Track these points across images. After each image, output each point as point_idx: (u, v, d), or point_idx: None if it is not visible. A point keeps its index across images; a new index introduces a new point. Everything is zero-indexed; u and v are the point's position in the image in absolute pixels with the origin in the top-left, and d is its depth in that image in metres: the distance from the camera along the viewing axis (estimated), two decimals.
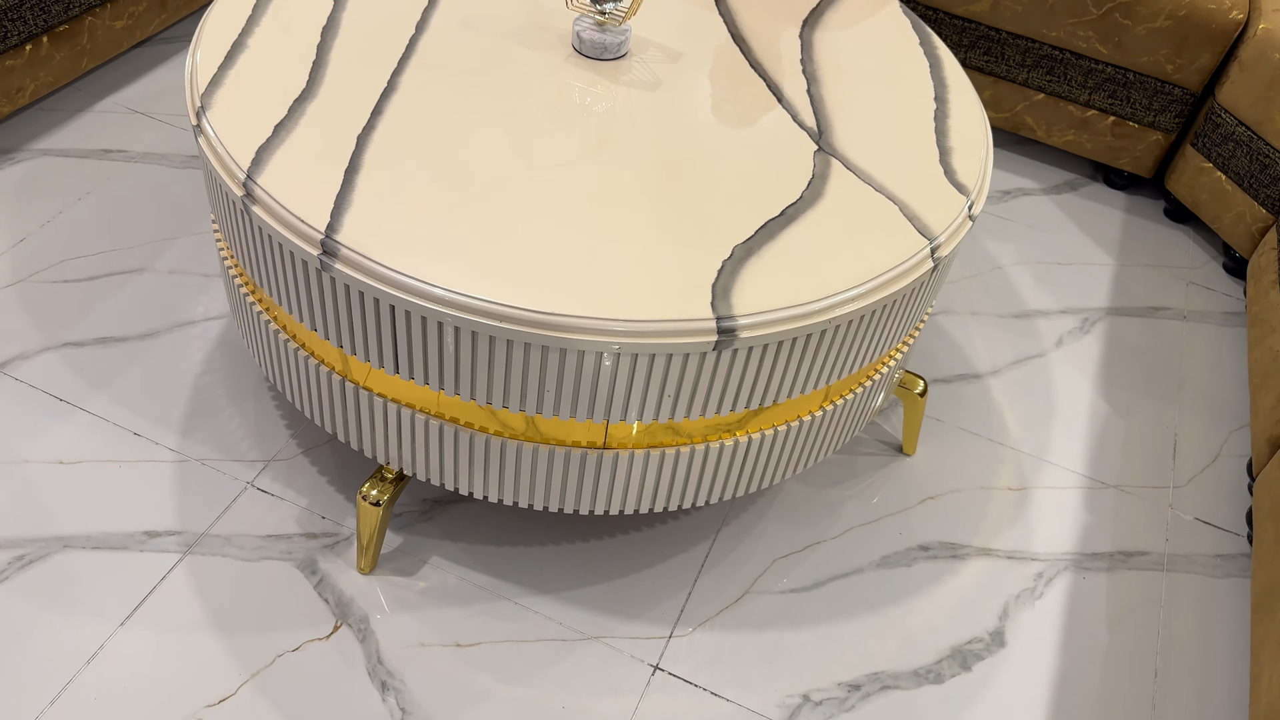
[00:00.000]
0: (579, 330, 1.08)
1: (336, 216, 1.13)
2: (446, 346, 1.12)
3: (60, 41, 1.88)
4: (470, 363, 1.13)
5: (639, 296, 1.10)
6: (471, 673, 1.30)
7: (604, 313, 1.08)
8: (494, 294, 1.08)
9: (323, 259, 1.11)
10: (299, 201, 1.13)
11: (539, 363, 1.11)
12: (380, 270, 1.09)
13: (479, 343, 1.10)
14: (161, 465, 1.46)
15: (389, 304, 1.10)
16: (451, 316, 1.08)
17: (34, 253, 1.71)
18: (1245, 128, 1.96)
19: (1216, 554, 1.59)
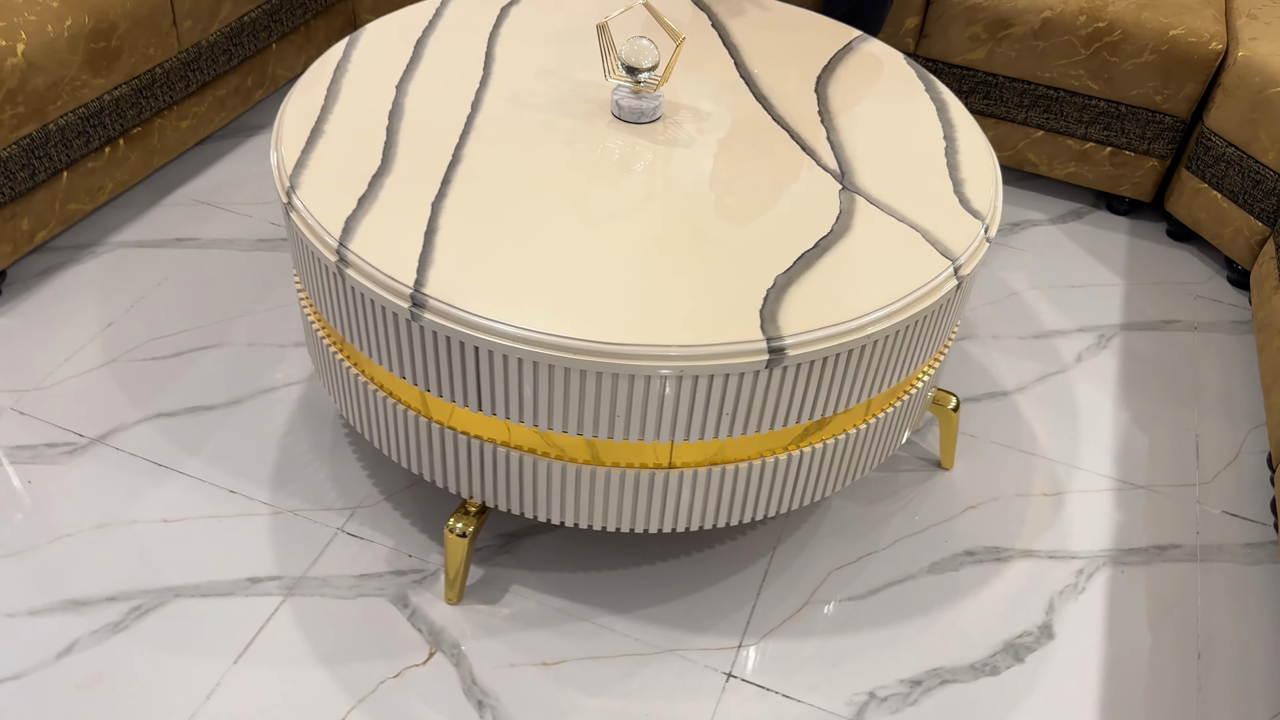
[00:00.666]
0: (643, 357, 1.20)
1: (422, 273, 1.26)
2: (526, 381, 1.25)
3: (134, 143, 2.05)
4: (547, 395, 1.25)
5: (694, 324, 1.23)
6: (559, 688, 1.40)
7: (664, 340, 1.20)
8: (565, 330, 1.21)
9: (413, 310, 1.24)
10: (388, 262, 1.27)
11: (610, 390, 1.23)
12: (464, 316, 1.22)
13: (555, 376, 1.23)
14: (257, 518, 1.58)
15: (473, 345, 1.23)
16: (529, 352, 1.21)
17: (122, 335, 1.86)
18: (1234, 148, 2.10)
19: (1246, 543, 1.68)
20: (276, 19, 2.31)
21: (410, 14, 1.78)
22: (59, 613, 1.44)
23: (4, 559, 1.49)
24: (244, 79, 2.28)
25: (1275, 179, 2.03)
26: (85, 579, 1.48)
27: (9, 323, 1.86)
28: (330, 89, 1.57)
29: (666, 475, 1.35)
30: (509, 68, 1.66)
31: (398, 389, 1.41)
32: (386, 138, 1.48)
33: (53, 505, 1.57)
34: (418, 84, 1.60)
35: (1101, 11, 2.12)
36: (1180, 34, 2.09)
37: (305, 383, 1.80)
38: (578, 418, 1.27)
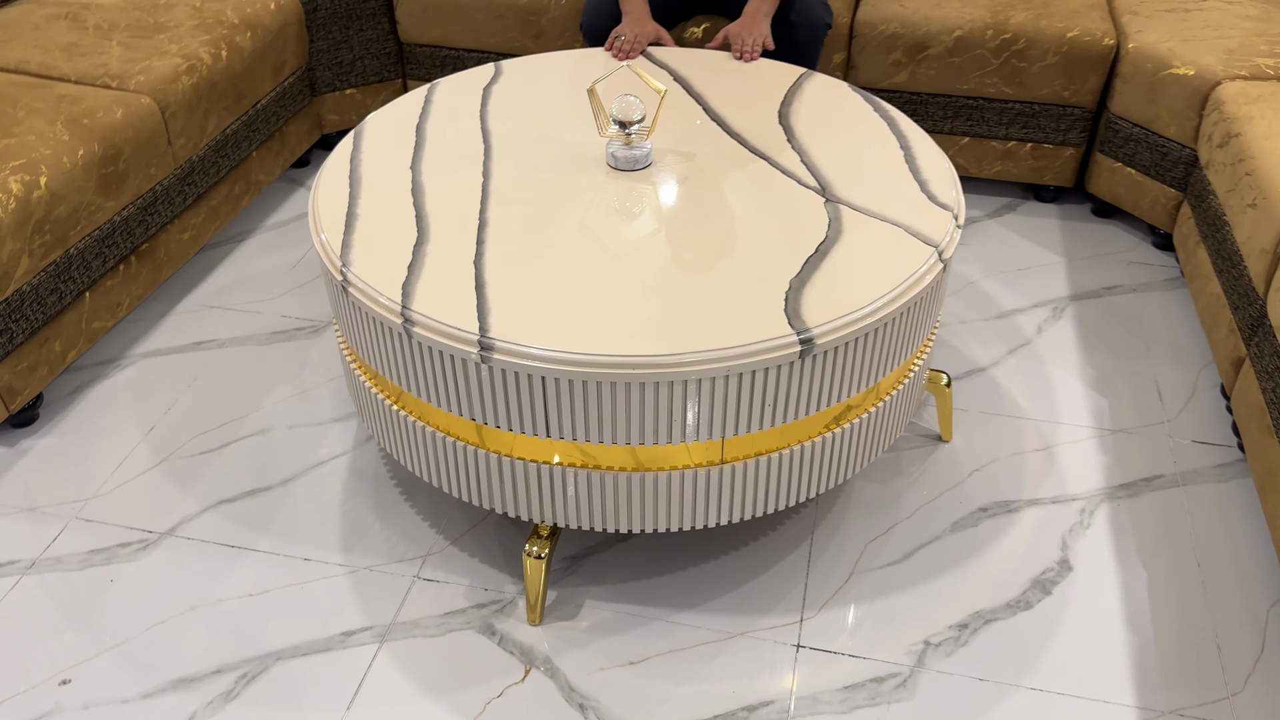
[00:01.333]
0: (691, 364, 1.36)
1: (483, 319, 1.41)
2: (591, 401, 1.40)
3: (144, 258, 2.16)
4: (611, 410, 1.40)
5: (730, 329, 1.39)
6: (649, 682, 1.53)
7: (707, 345, 1.37)
8: (617, 349, 1.36)
9: (481, 353, 1.39)
10: (452, 316, 1.42)
11: (667, 397, 1.39)
12: (528, 351, 1.37)
13: (616, 392, 1.38)
14: (336, 579, 1.69)
15: (539, 376, 1.38)
16: (590, 374, 1.36)
17: (166, 437, 1.95)
18: (1140, 128, 2.36)
19: (1217, 464, 1.89)
20: (254, 128, 2.45)
21: (403, 104, 1.95)
22: (171, 692, 1.53)
23: (107, 652, 1.58)
24: (232, 187, 2.42)
25: (1179, 149, 2.30)
26: (188, 658, 1.57)
27: (54, 441, 1.95)
28: (351, 178, 1.72)
29: (720, 470, 1.50)
30: (506, 138, 1.83)
31: (457, 428, 1.54)
32: (416, 212, 1.64)
33: (140, 597, 1.66)
34: (429, 163, 1.76)
35: (1005, 24, 2.39)
36: (1076, 35, 2.36)
37: (351, 453, 1.92)
38: (640, 429, 1.42)
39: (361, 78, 2.77)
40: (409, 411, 1.58)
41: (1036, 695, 1.52)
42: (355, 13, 2.67)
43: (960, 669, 1.55)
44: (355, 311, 1.53)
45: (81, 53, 2.22)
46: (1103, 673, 1.55)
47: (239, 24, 2.39)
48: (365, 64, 2.75)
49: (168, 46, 2.26)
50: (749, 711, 1.50)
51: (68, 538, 1.76)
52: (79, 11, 2.38)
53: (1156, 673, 1.55)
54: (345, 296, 1.54)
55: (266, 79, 2.47)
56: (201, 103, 2.24)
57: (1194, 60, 2.24)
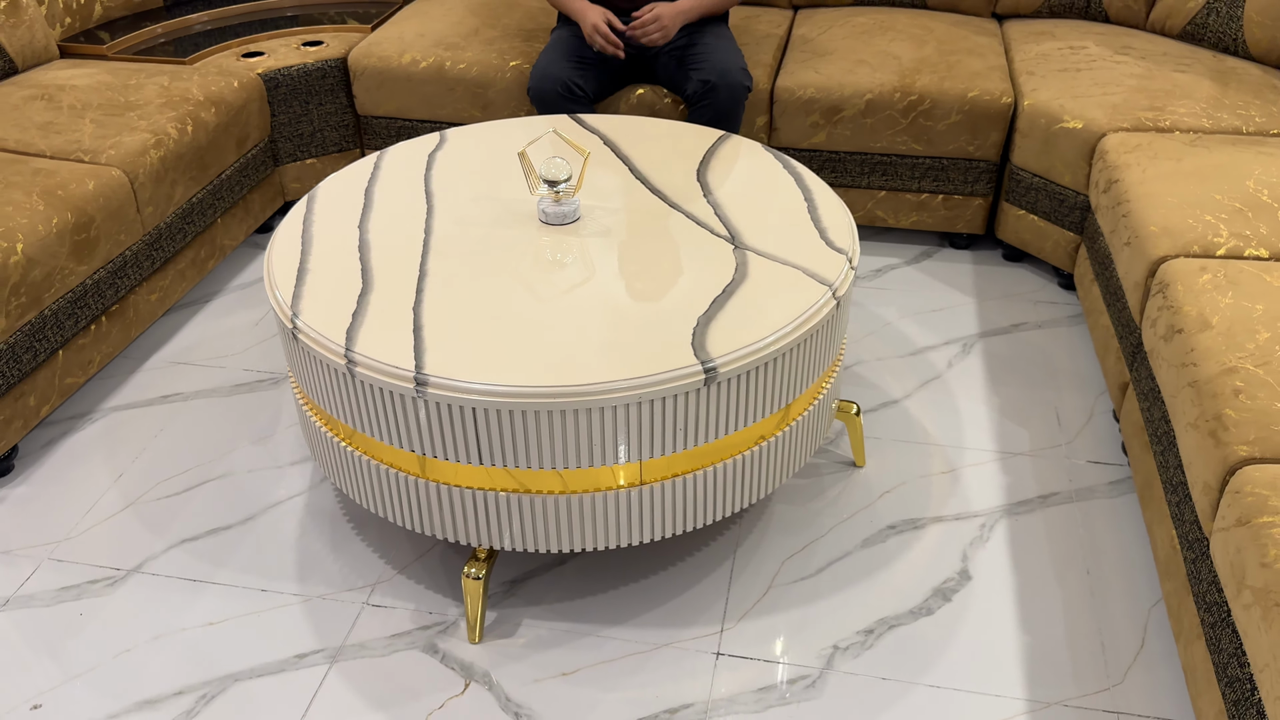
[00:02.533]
0: (608, 392, 1.52)
1: (419, 358, 1.57)
2: (519, 429, 1.55)
3: (114, 318, 2.31)
4: (537, 437, 1.55)
5: (642, 361, 1.56)
6: (580, 690, 1.66)
7: (621, 375, 1.53)
8: (540, 381, 1.52)
9: (417, 389, 1.54)
10: (390, 355, 1.57)
11: (587, 424, 1.54)
12: (459, 384, 1.52)
13: (540, 421, 1.53)
14: (291, 608, 1.81)
15: (470, 408, 1.54)
16: (515, 403, 1.52)
17: (134, 482, 2.09)
18: (1039, 178, 2.57)
19: (1110, 481, 2.06)
20: (219, 196, 2.62)
21: (355, 170, 2.12)
22: (135, 713, 1.64)
23: (76, 679, 1.69)
24: (198, 252, 2.58)
25: (1074, 196, 2.50)
26: (151, 681, 1.69)
27: (28, 489, 2.07)
28: (304, 237, 1.89)
29: (641, 491, 1.65)
30: (447, 198, 2.01)
31: (401, 461, 1.69)
32: (361, 265, 1.80)
33: (107, 628, 1.78)
34: (375, 222, 1.93)
35: (911, 87, 2.60)
36: (977, 95, 2.57)
37: (306, 493, 2.05)
38: (564, 454, 1.58)
39: (321, 148, 2.95)
40: (357, 448, 1.73)
41: (934, 691, 1.66)
42: (314, 89, 2.87)
43: (865, 670, 1.69)
44: (305, 356, 1.68)
45: (56, 130, 2.39)
46: (995, 670, 1.69)
47: (203, 100, 2.57)
48: (325, 135, 2.94)
49: (137, 123, 2.43)
50: (670, 714, 1.63)
51: (40, 577, 1.88)
52: (54, 93, 2.56)
53: (1044, 669, 1.69)
54: (296, 343, 1.69)
55: (230, 151, 2.64)
56: (169, 174, 2.41)
57: (1082, 114, 2.46)
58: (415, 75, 2.82)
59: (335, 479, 1.81)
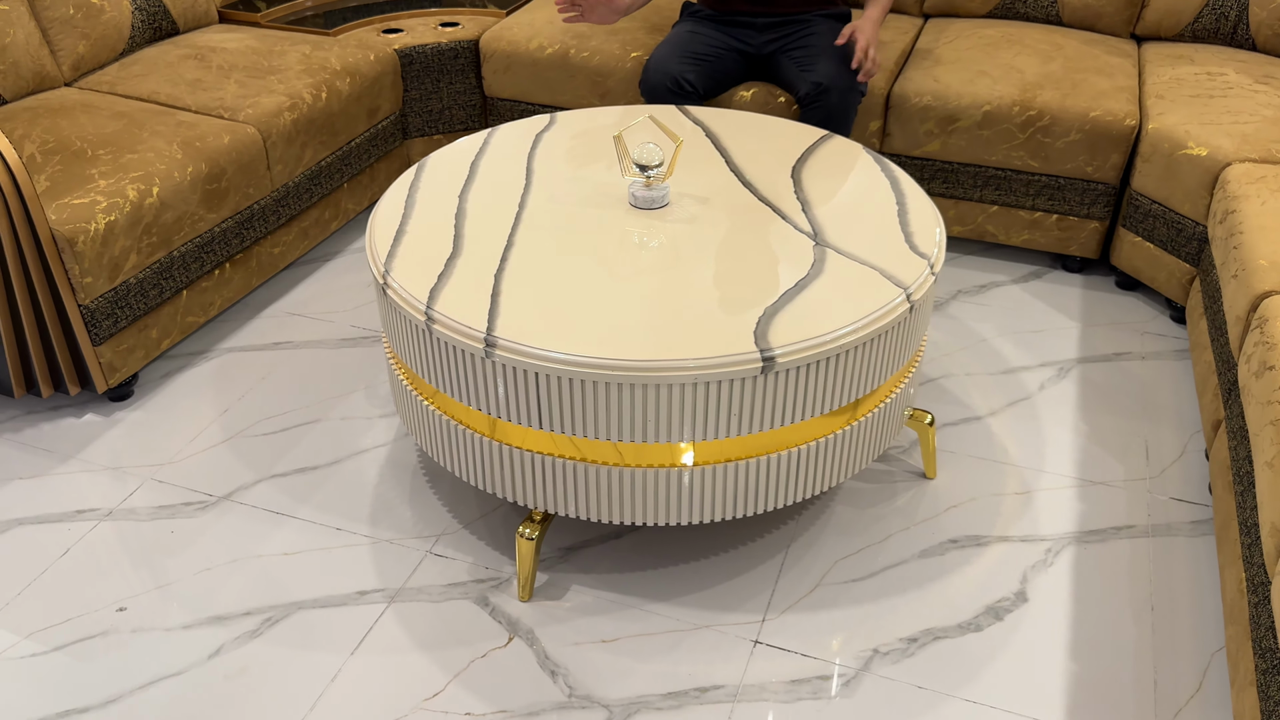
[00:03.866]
0: (666, 369, 1.56)
1: (491, 321, 1.64)
2: (577, 398, 1.60)
3: (237, 266, 2.48)
4: (594, 407, 1.61)
5: (701, 343, 1.59)
6: (616, 658, 1.71)
7: (682, 355, 1.56)
8: (602, 353, 1.57)
9: (486, 349, 1.61)
10: (465, 316, 1.65)
11: (642, 399, 1.59)
12: (526, 349, 1.59)
13: (597, 391, 1.59)
14: (359, 548, 1.92)
15: (534, 373, 1.60)
16: (577, 372, 1.57)
17: (236, 418, 2.24)
18: (1158, 204, 2.48)
19: (1191, 520, 1.98)
20: (347, 163, 2.77)
21: (466, 143, 2.22)
22: (206, 626, 1.77)
23: (160, 589, 1.84)
24: (322, 213, 2.73)
25: (1193, 226, 2.40)
26: (225, 600, 1.82)
27: (143, 415, 2.25)
28: (407, 201, 1.99)
29: (694, 472, 1.69)
30: (545, 176, 2.08)
31: (471, 419, 1.77)
32: (454, 232, 1.89)
33: (193, 547, 1.92)
34: (475, 193, 2.02)
35: (1031, 102, 2.54)
36: (1099, 115, 2.50)
37: (390, 445, 2.16)
38: (620, 426, 1.62)
39: (448, 125, 3.08)
40: (435, 405, 1.82)
41: (969, 706, 1.64)
42: (446, 68, 2.99)
43: (902, 676, 1.68)
44: (392, 312, 1.78)
45: (204, 88, 2.58)
46: (1037, 694, 1.66)
47: (340, 70, 2.73)
48: (453, 113, 3.06)
49: (276, 86, 2.60)
50: (700, 692, 1.66)
51: (142, 494, 2.04)
52: (206, 54, 2.75)
53: (1089, 699, 1.65)
54: (385, 298, 1.79)
55: (361, 120, 2.79)
56: (299, 136, 2.57)
57: (1208, 142, 2.36)
58: (541, 60, 2.91)
59: (414, 433, 1.91)
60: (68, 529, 1.96)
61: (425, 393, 1.84)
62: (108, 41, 2.70)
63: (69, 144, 2.28)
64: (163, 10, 2.85)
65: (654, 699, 1.65)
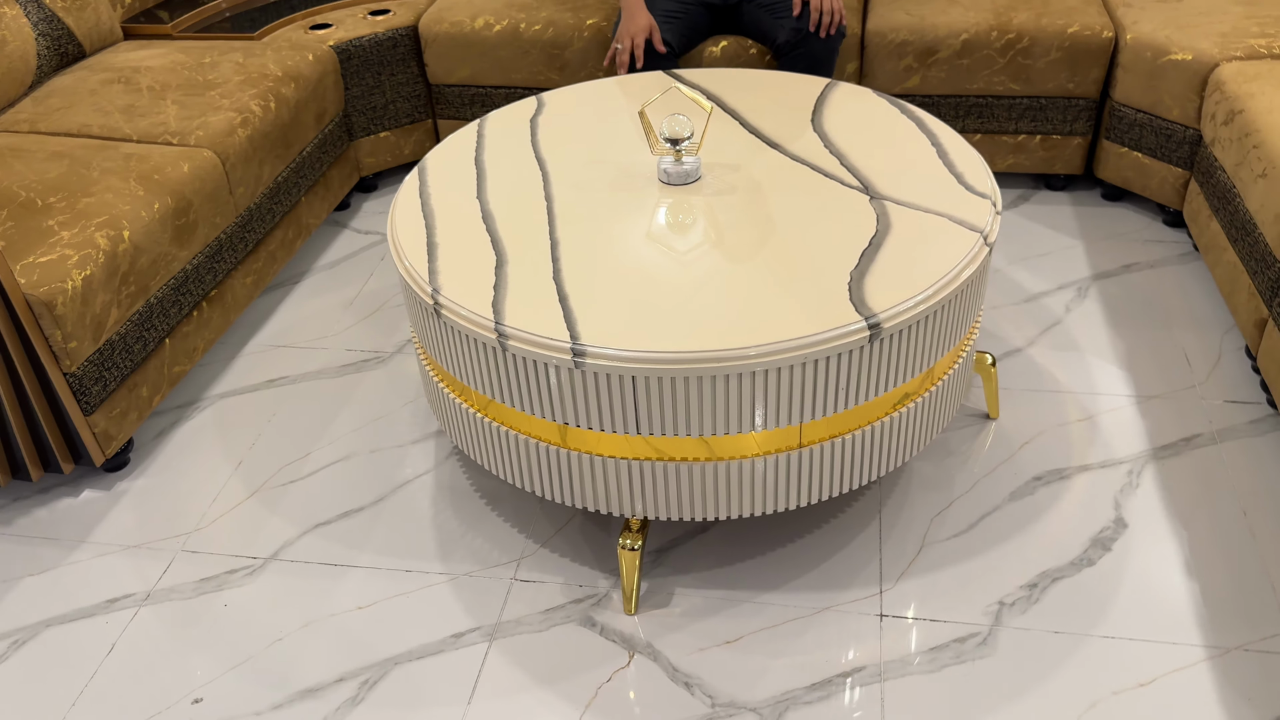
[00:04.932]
0: (771, 354, 1.47)
1: (573, 330, 1.52)
2: (679, 396, 1.51)
3: (214, 303, 2.27)
4: (700, 403, 1.51)
5: (802, 320, 1.51)
6: (746, 657, 1.63)
7: (783, 336, 1.48)
8: (707, 345, 1.47)
9: (575, 360, 1.50)
10: (544, 328, 1.53)
11: (750, 387, 1.50)
12: (619, 354, 1.48)
13: (703, 386, 1.49)
14: (438, 587, 1.79)
15: (630, 376, 1.49)
16: (680, 370, 1.47)
17: (255, 469, 2.06)
18: (1144, 113, 2.49)
19: (1249, 420, 2.01)
20: (302, 174, 2.57)
21: (458, 141, 2.07)
22: (300, 701, 1.62)
23: (234, 670, 1.67)
24: (286, 232, 2.53)
25: (1183, 130, 2.43)
26: (310, 669, 1.67)
27: (148, 481, 2.04)
28: (424, 211, 1.84)
29: (792, 455, 1.61)
30: (560, 163, 1.95)
31: (543, 432, 1.65)
32: (490, 237, 1.75)
33: (256, 617, 1.75)
34: (493, 192, 1.88)
35: (1008, 25, 2.52)
36: (1076, 30, 2.49)
37: (434, 470, 2.02)
38: (710, 420, 1.53)
39: (394, 120, 2.89)
40: (496, 419, 1.69)
41: (1109, 642, 1.62)
42: (386, 59, 2.80)
43: (1035, 624, 1.66)
44: (447, 331, 1.64)
45: (140, 113, 2.34)
46: (1167, 618, 1.65)
47: (282, 76, 2.51)
48: (397, 106, 2.88)
49: (220, 102, 2.38)
50: (844, 677, 1.60)
51: (176, 569, 1.86)
52: (130, 75, 2.50)
53: (1217, 613, 1.66)
54: (437, 319, 1.64)
55: (310, 127, 2.59)
56: (257, 153, 2.36)
57: (1191, 46, 2.38)
58: (489, 39, 2.75)
59: (472, 452, 1.78)
60: (104, 622, 1.77)
61: (483, 408, 1.71)
62: (15, 75, 2.43)
63: (11, 195, 2.03)
64: (66, 33, 2.57)
65: (799, 693, 1.58)
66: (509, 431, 1.67)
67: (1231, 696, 1.54)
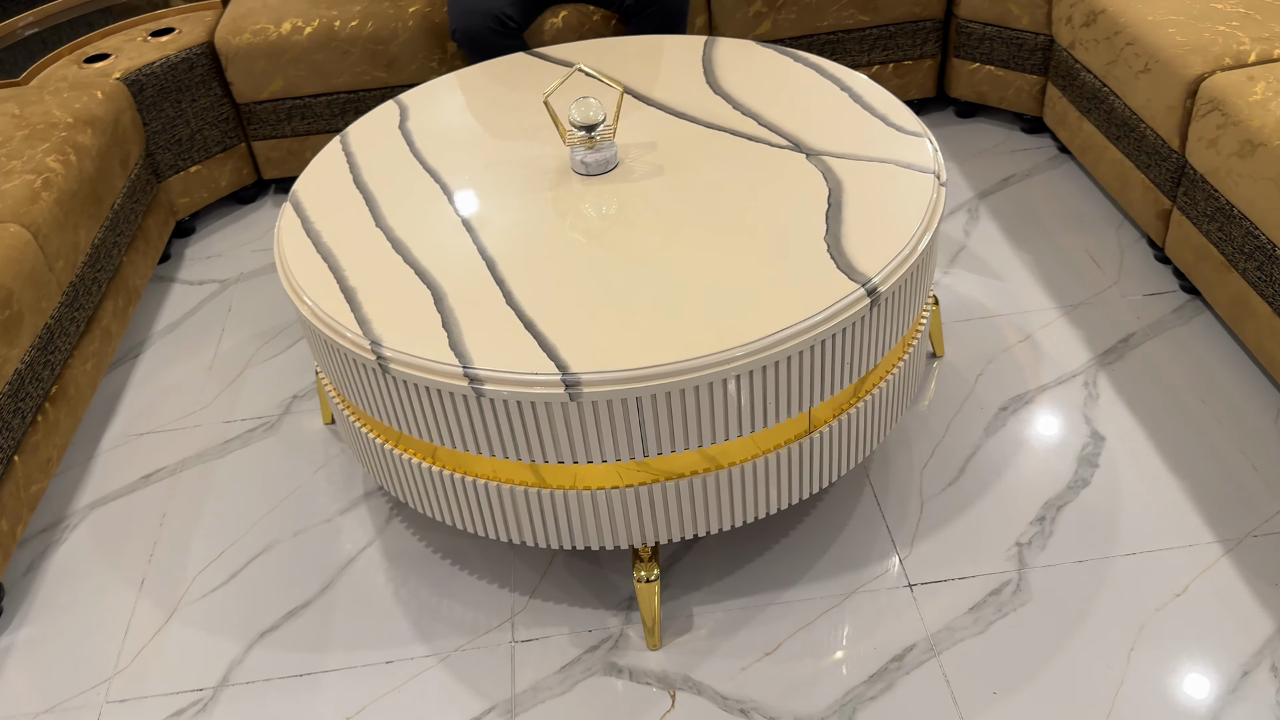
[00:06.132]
0: (782, 342, 1.35)
1: (557, 360, 1.34)
2: (688, 409, 1.36)
3: (57, 402, 1.91)
4: (707, 413, 1.37)
5: (802, 299, 1.38)
6: (793, 665, 1.52)
7: (787, 322, 1.36)
8: (706, 350, 1.32)
9: (569, 391, 1.32)
10: (521, 364, 1.34)
11: (763, 382, 1.37)
12: (620, 375, 1.31)
13: (713, 393, 1.35)
14: (430, 672, 1.57)
15: (633, 399, 1.33)
16: (688, 380, 1.32)
17: (164, 584, 1.75)
18: (992, 26, 2.51)
19: (1173, 310, 2.06)
20: (119, 231, 2.21)
21: (323, 166, 1.81)
22: None
23: None
24: (115, 301, 2.17)
25: (1034, 38, 2.46)
26: None
27: (35, 630, 1.70)
28: (321, 251, 1.59)
29: (810, 440, 1.50)
30: (456, 171, 1.74)
31: (521, 476, 1.46)
32: (413, 269, 1.53)
33: None
34: (393, 217, 1.65)
35: None
36: None
37: (378, 539, 1.78)
38: (723, 426, 1.40)
39: (204, 151, 2.54)
40: (460, 470, 1.49)
41: (1132, 560, 1.62)
42: (184, 83, 2.45)
43: (1058, 558, 1.63)
44: (397, 387, 1.42)
45: None
46: (1174, 521, 1.66)
47: (74, 123, 2.14)
48: (205, 135, 2.53)
49: (9, 164, 1.99)
50: (898, 662, 1.52)
51: None
52: None
53: (1217, 506, 1.68)
54: (383, 375, 1.42)
55: (117, 175, 2.23)
56: (69, 217, 2.00)
57: None
58: (301, 44, 2.45)
59: (430, 509, 1.57)
60: None
61: (449, 462, 1.50)
62: None
63: None
64: None
65: (860, 690, 1.49)
66: (474, 480, 1.47)
67: (1260, 585, 1.56)
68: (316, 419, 2.04)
